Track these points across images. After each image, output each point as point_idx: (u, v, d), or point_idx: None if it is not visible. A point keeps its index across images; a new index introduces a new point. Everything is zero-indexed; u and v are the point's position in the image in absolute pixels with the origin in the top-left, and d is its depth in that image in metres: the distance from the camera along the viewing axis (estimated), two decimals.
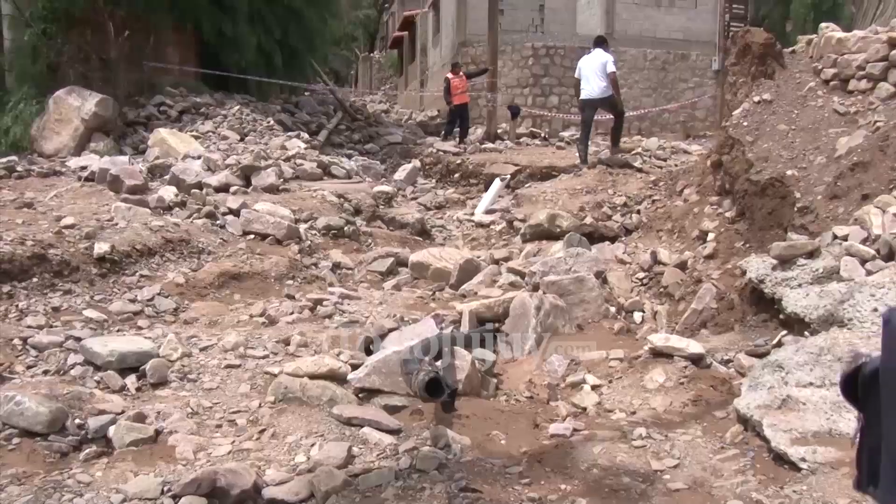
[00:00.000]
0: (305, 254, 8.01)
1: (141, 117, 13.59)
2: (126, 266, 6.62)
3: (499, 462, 3.59)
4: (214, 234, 7.90)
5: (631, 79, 21.28)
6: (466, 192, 12.92)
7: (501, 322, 5.62)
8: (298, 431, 3.85)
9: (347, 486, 3.27)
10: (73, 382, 4.41)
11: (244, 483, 3.21)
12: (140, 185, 9.13)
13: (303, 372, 4.43)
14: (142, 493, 3.20)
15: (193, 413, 4.14)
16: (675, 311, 5.77)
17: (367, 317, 5.95)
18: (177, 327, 5.62)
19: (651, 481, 3.34)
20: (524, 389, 4.74)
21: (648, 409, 4.19)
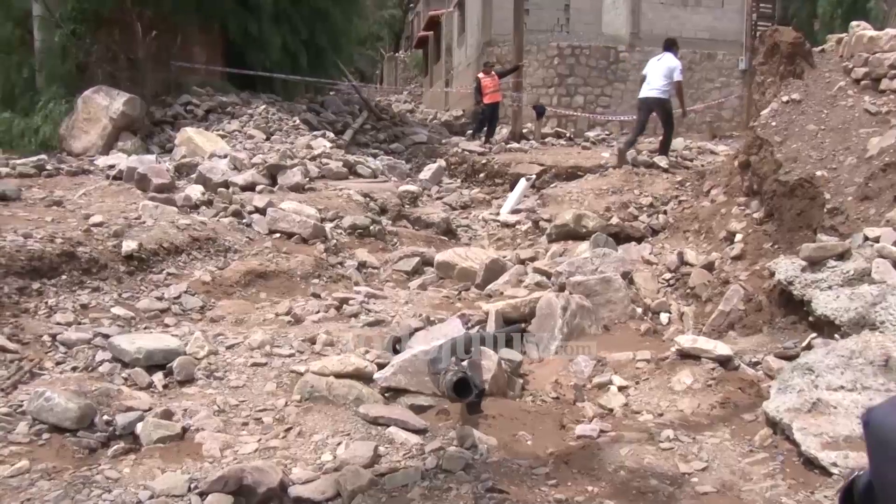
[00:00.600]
0: (331, 253, 8.03)
1: (168, 116, 13.70)
2: (153, 264, 6.67)
3: (525, 463, 3.57)
4: (241, 233, 7.94)
5: None
6: (492, 192, 12.90)
7: (528, 322, 5.59)
8: (324, 430, 3.85)
9: (373, 486, 3.26)
10: (102, 379, 4.45)
11: (270, 481, 3.21)
12: (167, 183, 9.21)
13: (329, 371, 4.44)
14: (169, 489, 3.22)
15: (220, 411, 4.16)
16: (702, 312, 5.72)
17: (392, 316, 5.95)
18: (203, 325, 5.65)
19: (679, 484, 3.31)
20: (550, 390, 4.72)
21: (676, 411, 4.15)
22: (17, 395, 4.15)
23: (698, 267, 6.30)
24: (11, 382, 4.31)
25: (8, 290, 5.47)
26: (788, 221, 5.85)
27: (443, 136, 18.59)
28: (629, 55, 22.09)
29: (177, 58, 14.54)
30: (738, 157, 7.44)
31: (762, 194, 6.44)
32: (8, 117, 12.95)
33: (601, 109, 21.56)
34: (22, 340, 4.92)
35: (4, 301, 5.35)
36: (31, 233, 6.35)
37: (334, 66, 19.08)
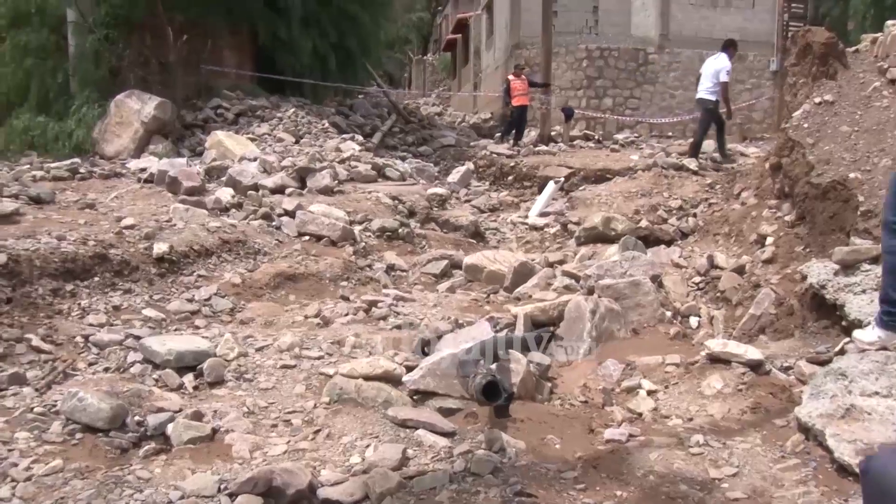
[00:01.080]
0: (360, 255, 8.06)
1: (198, 120, 13.84)
2: (184, 266, 6.74)
3: (554, 467, 3.55)
4: (270, 236, 8.00)
5: (686, 80, 20.97)
6: (520, 195, 12.89)
7: (556, 325, 5.57)
8: (353, 432, 3.86)
9: (402, 488, 3.27)
10: (133, 380, 4.50)
11: (300, 483, 3.23)
12: (197, 186, 9.30)
13: (358, 373, 4.45)
14: (199, 490, 3.24)
15: (249, 412, 4.19)
16: (733, 316, 5.66)
17: (421, 319, 5.96)
18: (233, 327, 5.69)
19: (709, 489, 3.27)
20: (579, 394, 4.70)
21: (706, 416, 4.11)
22: (52, 395, 4.22)
23: (728, 270, 6.25)
24: (46, 383, 4.38)
25: (42, 291, 5.56)
26: (821, 224, 5.78)
27: (471, 138, 18.61)
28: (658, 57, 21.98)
29: (207, 62, 14.69)
30: (769, 159, 7.37)
31: (794, 197, 6.36)
32: (43, 121, 13.14)
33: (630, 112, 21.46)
34: (56, 341, 5.00)
35: (39, 302, 5.44)
36: (65, 235, 6.45)
37: (363, 69, 19.17)
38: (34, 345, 4.85)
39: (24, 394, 4.22)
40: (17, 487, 3.26)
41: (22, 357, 4.72)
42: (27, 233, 6.50)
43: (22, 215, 7.25)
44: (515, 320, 5.61)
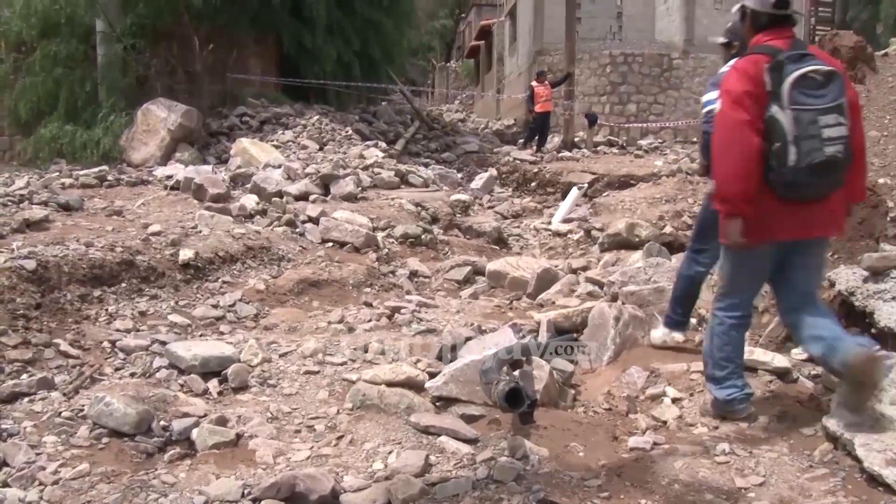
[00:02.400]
0: (383, 262, 8.08)
1: (224, 127, 13.96)
2: (209, 272, 6.79)
3: (577, 475, 3.52)
4: (294, 242, 8.03)
5: None
6: (543, 201, 12.87)
7: (579, 332, 5.55)
8: (376, 438, 3.85)
9: (425, 495, 3.25)
10: (158, 385, 4.53)
11: (322, 489, 3.23)
12: (223, 193, 9.37)
13: (381, 379, 4.45)
14: (223, 495, 3.25)
15: (273, 418, 4.19)
16: (759, 323, 5.59)
17: (444, 325, 5.96)
18: (257, 333, 5.72)
19: (735, 499, 3.23)
20: (602, 401, 4.67)
21: (731, 424, 4.05)
22: (79, 399, 4.25)
23: None
24: (73, 387, 4.42)
25: (70, 297, 5.62)
26: (849, 230, 5.70)
27: (494, 145, 18.61)
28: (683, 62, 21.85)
29: (233, 70, 14.83)
30: None
31: None
32: (71, 129, 13.30)
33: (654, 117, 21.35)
34: (83, 346, 5.05)
35: (67, 308, 5.50)
36: (93, 242, 6.52)
37: (387, 76, 19.25)
38: (62, 350, 4.90)
39: (52, 398, 4.26)
40: (44, 491, 3.28)
41: (50, 362, 4.77)
42: (56, 239, 6.59)
43: (51, 222, 7.35)
44: (538, 327, 5.59)
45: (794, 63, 3.48)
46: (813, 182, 3.55)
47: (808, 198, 3.63)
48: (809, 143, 3.44)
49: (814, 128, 3.45)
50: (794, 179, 3.52)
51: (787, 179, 3.53)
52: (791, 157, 3.47)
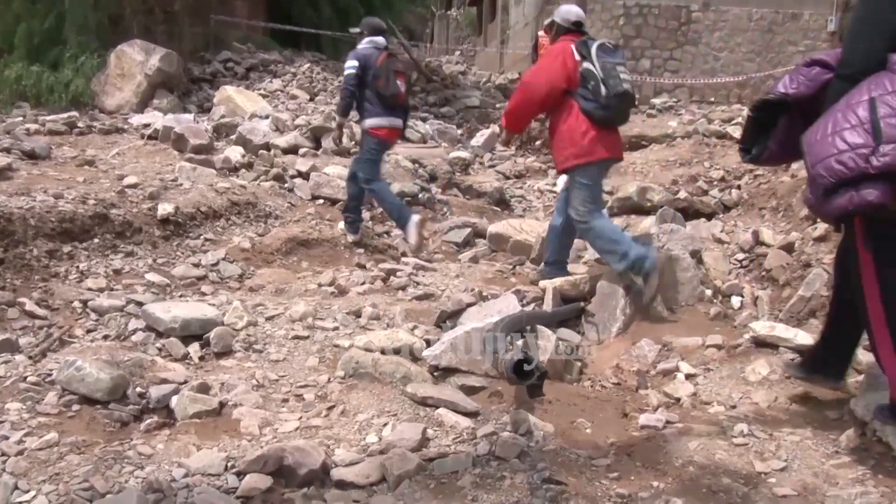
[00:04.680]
0: (377, 221, 8.04)
1: (206, 74, 13.80)
2: (190, 229, 6.73)
3: (584, 453, 3.50)
4: (282, 198, 7.98)
5: (732, 41, 20.65)
6: (548, 161, 12.73)
7: (587, 301, 5.52)
8: (370, 409, 3.83)
9: (421, 471, 3.22)
10: (134, 349, 4.48)
11: (312, 462, 3.20)
12: (205, 144, 9.29)
13: (375, 346, 4.43)
14: (205, 468, 3.21)
15: (259, 385, 4.16)
16: (779, 297, 5.56)
17: (442, 290, 5.93)
18: (242, 294, 5.68)
19: (754, 484, 3.19)
20: (611, 375, 4.65)
21: (750, 404, 4.04)
22: (46, 363, 4.19)
23: (776, 248, 6.14)
24: (40, 350, 4.36)
25: (37, 252, 5.55)
26: None
27: (497, 100, 18.43)
28: (702, 15, 21.58)
29: (217, 12, 14.61)
30: None
31: None
32: (36, 71, 13.05)
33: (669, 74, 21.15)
34: (51, 306, 4.99)
35: (33, 265, 5.43)
36: (62, 193, 6.44)
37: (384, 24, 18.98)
38: (28, 309, 4.84)
39: (17, 362, 4.19)
40: (7, 462, 3.21)
41: (14, 322, 4.71)
42: (21, 190, 6.49)
43: (15, 171, 7.24)
44: (543, 294, 5.55)
45: (591, 40, 5.58)
46: (619, 106, 5.49)
47: (615, 122, 5.63)
48: (613, 81, 5.37)
49: (614, 72, 5.41)
50: (607, 104, 5.40)
51: (602, 105, 5.40)
52: (603, 90, 5.37)
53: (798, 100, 3.43)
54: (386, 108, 7.03)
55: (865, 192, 2.89)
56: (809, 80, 3.41)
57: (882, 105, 2.93)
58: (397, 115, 7.19)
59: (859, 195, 2.90)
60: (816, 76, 3.40)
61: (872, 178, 2.89)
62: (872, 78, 3.03)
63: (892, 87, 2.96)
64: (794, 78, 3.47)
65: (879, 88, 2.98)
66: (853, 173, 2.92)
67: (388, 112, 7.07)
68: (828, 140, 3.02)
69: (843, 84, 3.16)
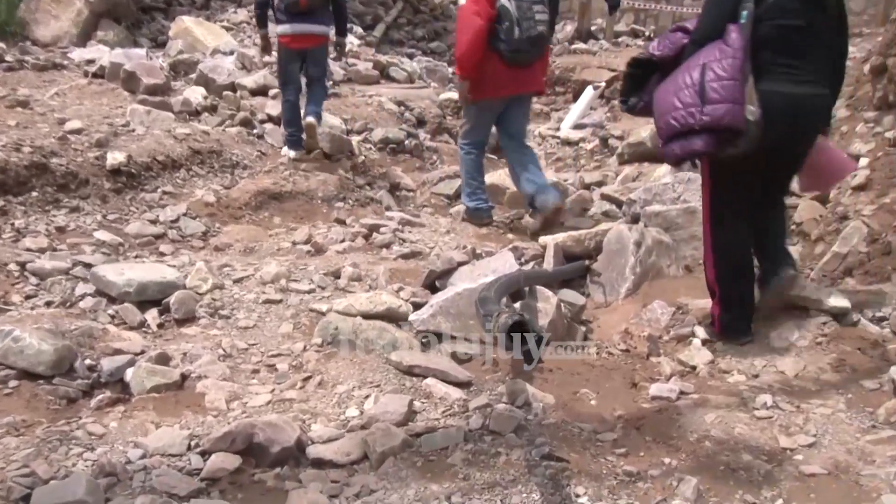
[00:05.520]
0: (359, 171, 8.04)
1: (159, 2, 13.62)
2: (145, 181, 6.71)
3: (588, 426, 3.54)
4: (251, 146, 7.97)
5: None
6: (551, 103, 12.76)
7: (593, 259, 5.55)
8: (350, 380, 3.86)
9: (407, 447, 3.26)
10: (83, 316, 4.47)
11: (286, 439, 3.23)
12: (161, 84, 9.22)
13: (356, 310, 4.45)
14: (164, 447, 3.23)
15: (226, 355, 4.18)
16: (811, 253, 5.59)
17: (431, 247, 5.96)
18: (206, 254, 5.69)
19: (779, 461, 3.22)
20: (619, 341, 4.68)
21: (775, 373, 4.07)
22: None
23: (808, 198, 6.15)
24: None
25: None
26: None
27: None
28: None
29: None
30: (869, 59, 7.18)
31: None
32: None
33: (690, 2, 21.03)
34: None
35: None
36: None
37: None
38: None
39: None
40: None
41: None
42: None
43: None
44: (544, 251, 5.57)
45: None
46: (529, 50, 6.30)
47: (524, 63, 6.37)
48: (527, 23, 6.12)
49: (529, 13, 6.11)
50: (518, 48, 6.19)
51: (513, 48, 6.18)
52: (516, 32, 6.11)
53: (663, 60, 4.32)
54: (290, 15, 7.82)
55: (692, 142, 3.92)
56: (672, 43, 4.31)
57: (709, 71, 3.86)
58: (303, 21, 7.86)
59: (688, 145, 3.95)
60: (678, 40, 4.30)
61: (697, 132, 3.89)
62: (709, 45, 3.96)
63: (720, 56, 3.88)
64: (662, 41, 4.41)
65: (711, 56, 3.91)
66: (683, 128, 3.93)
67: (292, 19, 7.84)
68: (668, 98, 4.02)
69: (692, 48, 4.09)
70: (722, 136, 3.87)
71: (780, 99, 3.95)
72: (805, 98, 4.03)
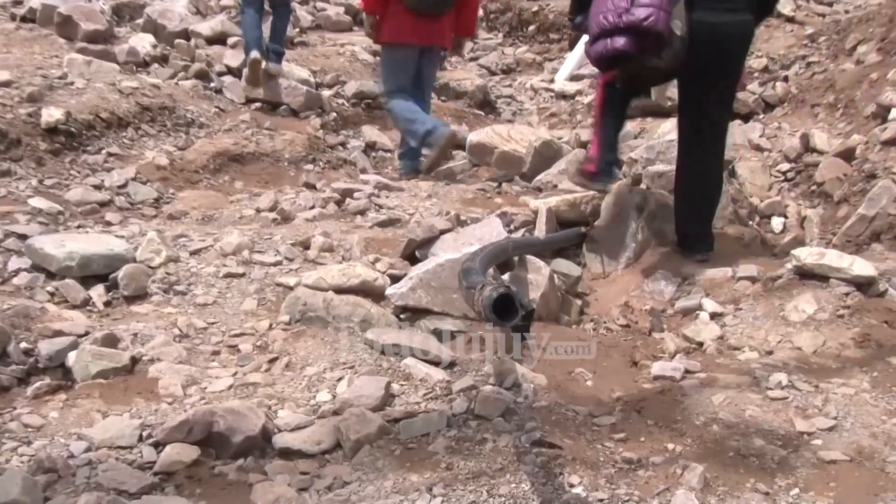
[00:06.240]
0: (330, 130, 8.03)
1: None
2: (88, 141, 6.67)
3: (584, 409, 3.56)
4: (208, 101, 7.93)
5: None
6: (544, 51, 12.72)
7: (590, 225, 5.58)
8: (321, 361, 3.87)
9: (384, 434, 3.28)
10: (17, 294, 4.45)
11: (249, 427, 3.23)
12: (102, 30, 9.14)
13: (327, 284, 4.46)
14: (112, 439, 3.22)
15: (182, 335, 4.19)
16: (834, 216, 5.63)
17: (411, 214, 5.96)
18: (159, 223, 5.68)
19: (795, 447, 3.23)
20: (618, 315, 4.71)
21: (791, 349, 4.10)
22: None
23: (831, 155, 6.18)
24: None
25: None
26: None
27: None
28: None
29: None
30: None
31: None
32: None
33: None
34: None
35: None
36: None
37: None
38: None
39: None
40: None
41: None
42: None
43: None
44: (535, 217, 5.58)
45: None
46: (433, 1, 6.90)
47: (428, 13, 6.92)
48: None
49: None
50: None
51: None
52: None
53: None
54: None
55: (616, 40, 4.55)
56: None
57: None
58: None
59: (612, 42, 4.58)
60: None
61: (622, 31, 4.53)
62: None
63: None
64: None
65: None
66: (611, 26, 4.57)
67: None
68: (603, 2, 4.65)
69: None
70: (645, 41, 4.53)
71: (706, 28, 4.71)
72: (729, 26, 4.79)
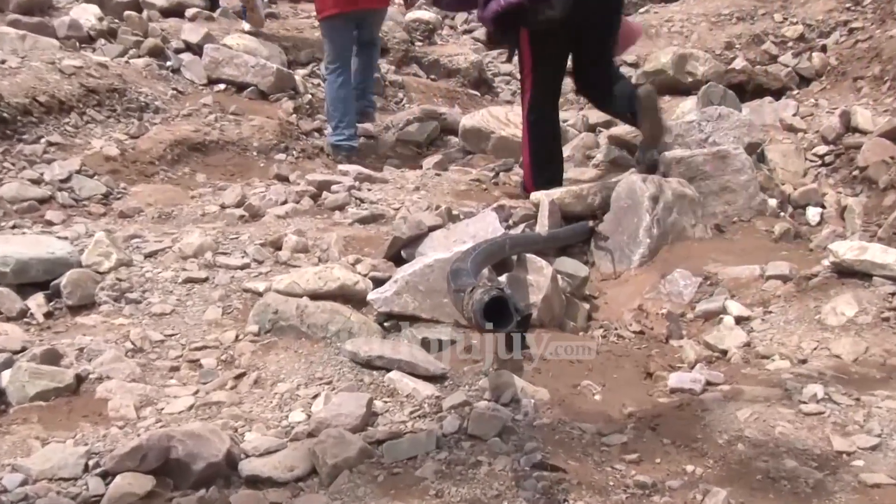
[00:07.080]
0: (304, 114, 8.05)
1: None
2: (23, 128, 6.65)
3: (592, 428, 3.56)
4: (164, 83, 7.94)
5: None
6: None
7: (598, 219, 5.60)
8: (294, 377, 3.88)
9: (366, 458, 3.27)
10: None
11: (212, 453, 3.22)
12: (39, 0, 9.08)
13: (301, 289, 4.48)
14: (53, 470, 3.19)
15: (136, 350, 4.18)
16: (878, 206, 5.63)
17: (396, 208, 5.97)
18: (108, 222, 5.69)
19: (832, 468, 3.21)
20: (631, 320, 4.72)
21: (828, 357, 4.10)
22: None
23: (875, 135, 6.18)
24: None
25: None
26: None
27: None
28: None
29: None
30: None
31: None
32: None
33: None
34: None
35: None
36: None
37: None
38: None
39: None
40: None
41: None
42: None
43: None
44: (537, 211, 5.60)
45: None
46: None
47: None
48: None
49: None
50: None
51: None
52: None
53: None
54: None
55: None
56: None
57: None
58: None
59: None
60: None
61: None
62: None
63: None
64: None
65: None
66: None
67: None
68: None
69: None
70: None
71: None
72: None
